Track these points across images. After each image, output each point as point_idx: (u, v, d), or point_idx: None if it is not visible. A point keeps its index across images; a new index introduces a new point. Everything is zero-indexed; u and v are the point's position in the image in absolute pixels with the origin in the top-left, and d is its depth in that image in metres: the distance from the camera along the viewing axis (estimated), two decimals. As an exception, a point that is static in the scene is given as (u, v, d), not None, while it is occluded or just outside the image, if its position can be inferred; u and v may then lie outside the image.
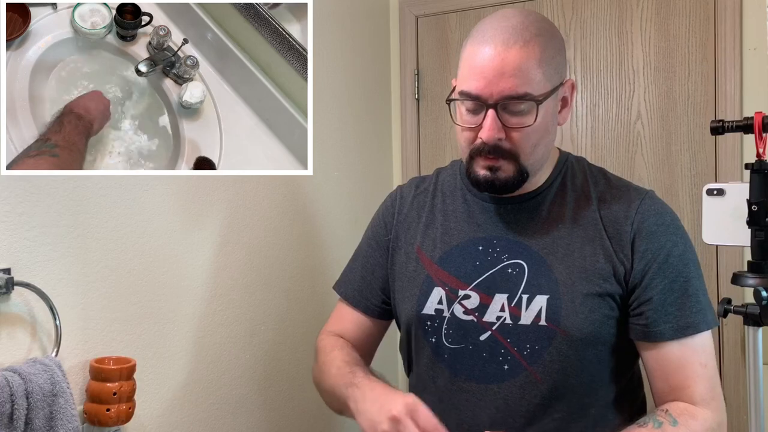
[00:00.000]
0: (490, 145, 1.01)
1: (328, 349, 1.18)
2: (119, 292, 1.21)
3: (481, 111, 1.00)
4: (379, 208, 1.27)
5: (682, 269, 1.04)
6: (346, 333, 1.22)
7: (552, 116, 1.04)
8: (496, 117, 0.99)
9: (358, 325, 1.23)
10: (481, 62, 0.99)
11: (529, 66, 0.98)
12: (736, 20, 1.76)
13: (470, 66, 1.00)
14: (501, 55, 0.97)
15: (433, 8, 2.15)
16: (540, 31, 1.00)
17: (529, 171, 1.05)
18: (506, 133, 1.00)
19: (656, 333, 1.02)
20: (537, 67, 0.98)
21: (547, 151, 1.08)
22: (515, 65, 0.97)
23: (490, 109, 0.99)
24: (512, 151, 1.02)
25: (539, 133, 1.02)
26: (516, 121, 1.00)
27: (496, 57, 0.97)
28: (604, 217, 1.07)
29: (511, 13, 1.03)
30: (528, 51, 0.98)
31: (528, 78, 0.98)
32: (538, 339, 1.03)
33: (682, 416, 0.98)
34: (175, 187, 1.32)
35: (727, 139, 1.75)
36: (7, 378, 0.95)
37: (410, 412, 0.91)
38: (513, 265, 1.07)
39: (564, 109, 1.08)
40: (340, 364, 1.11)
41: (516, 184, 1.05)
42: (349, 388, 1.04)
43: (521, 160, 1.03)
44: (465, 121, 1.04)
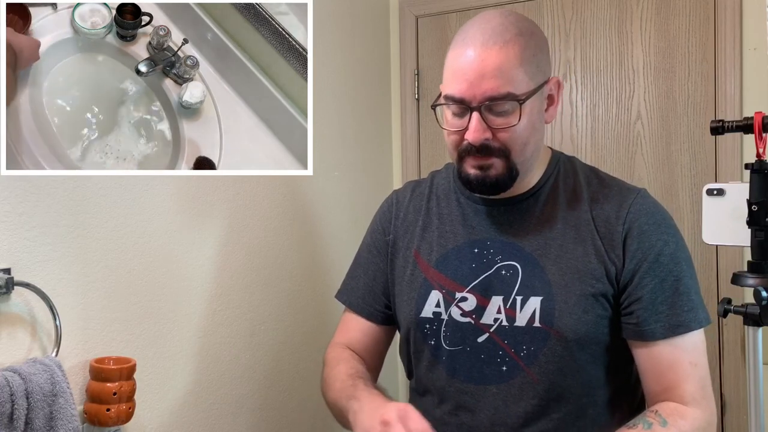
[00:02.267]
0: (477, 146, 1.02)
1: (333, 362, 1.19)
2: (119, 292, 1.21)
3: (466, 114, 1.01)
4: (376, 213, 1.27)
5: (673, 268, 1.04)
6: (354, 342, 1.23)
7: (538, 114, 1.05)
8: (481, 119, 1.00)
9: (365, 332, 1.23)
10: (463, 65, 1.00)
11: (509, 66, 0.99)
12: (736, 20, 1.76)
13: (452, 70, 1.02)
14: (481, 57, 0.99)
15: (433, 8, 2.15)
16: (520, 30, 1.01)
17: (520, 169, 1.05)
18: (492, 133, 1.01)
19: (647, 332, 1.02)
20: (518, 67, 0.99)
21: (537, 149, 1.09)
22: (495, 66, 0.98)
23: (474, 111, 1.00)
24: (501, 149, 1.02)
25: (527, 132, 1.03)
26: (501, 122, 1.01)
27: (476, 59, 0.99)
28: (596, 217, 1.07)
29: (491, 14, 1.04)
30: (508, 51, 0.99)
31: (509, 78, 0.99)
32: (534, 340, 1.04)
33: (671, 416, 0.99)
34: (175, 187, 1.32)
35: (727, 139, 1.75)
36: (7, 378, 0.95)
37: (401, 417, 0.91)
38: (507, 266, 1.08)
39: (551, 106, 1.09)
40: (343, 377, 1.12)
41: (507, 183, 1.05)
42: (350, 400, 1.05)
43: (512, 157, 1.03)
44: (451, 124, 1.05)
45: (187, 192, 1.35)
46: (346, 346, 1.22)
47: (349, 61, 1.94)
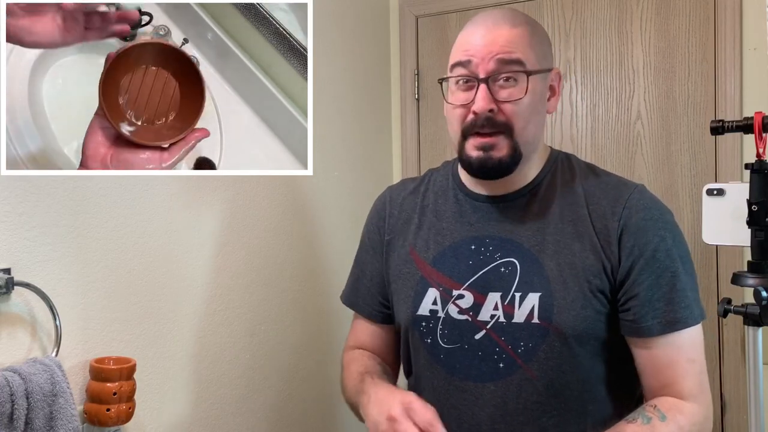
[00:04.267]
0: (483, 117, 1.03)
1: (347, 365, 1.21)
2: (119, 292, 1.21)
3: (472, 88, 1.04)
4: (370, 211, 1.27)
5: (670, 264, 1.04)
6: (364, 344, 1.24)
7: (541, 98, 1.07)
8: (488, 90, 1.02)
9: (371, 333, 1.24)
10: (473, 38, 1.05)
11: (519, 41, 1.04)
12: (736, 20, 1.76)
13: (461, 42, 1.07)
14: (492, 32, 1.04)
15: (433, 8, 2.15)
16: (527, 20, 1.08)
17: (522, 150, 1.06)
18: (498, 106, 1.03)
19: (644, 329, 1.03)
20: (527, 45, 1.04)
21: (538, 135, 1.10)
22: (506, 37, 1.03)
23: (481, 84, 1.02)
24: (506, 123, 1.04)
25: (529, 110, 1.05)
26: (507, 94, 1.03)
27: (487, 33, 1.04)
28: (593, 213, 1.07)
29: (497, 9, 1.12)
30: (517, 31, 1.04)
31: (520, 47, 1.03)
32: (532, 337, 1.04)
33: (670, 411, 0.99)
34: (175, 187, 1.32)
35: (727, 139, 1.75)
36: (7, 378, 0.95)
37: (406, 410, 0.92)
38: (506, 263, 1.08)
39: (552, 97, 1.11)
40: (354, 375, 1.14)
41: (509, 165, 1.06)
42: (360, 396, 1.07)
43: (515, 135, 1.04)
44: (457, 99, 1.06)
45: (187, 192, 1.35)
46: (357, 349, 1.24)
47: (349, 61, 1.94)
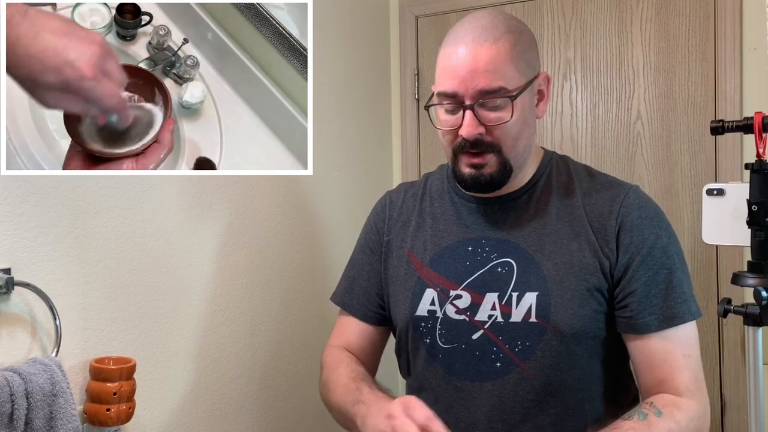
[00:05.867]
0: (471, 140, 1.03)
1: (333, 365, 1.19)
2: (119, 292, 1.21)
3: (458, 111, 1.04)
4: (369, 215, 1.28)
5: (666, 261, 1.05)
6: (350, 344, 1.23)
7: (529, 109, 1.07)
8: (474, 115, 1.02)
9: (361, 334, 1.23)
10: (455, 62, 1.02)
11: (501, 62, 1.01)
12: (736, 20, 1.76)
13: (444, 67, 1.04)
14: (473, 53, 1.01)
15: (433, 8, 2.15)
16: (509, 28, 1.04)
17: (513, 165, 1.07)
18: (485, 128, 1.03)
19: (641, 325, 1.04)
20: (509, 63, 1.02)
21: (529, 145, 1.10)
22: (487, 61, 1.00)
23: (467, 109, 1.02)
24: (494, 143, 1.04)
25: (518, 127, 1.05)
26: (493, 117, 1.03)
27: (468, 55, 1.01)
28: (589, 213, 1.09)
29: (481, 14, 1.07)
30: (499, 48, 1.01)
31: (501, 73, 1.01)
32: (529, 336, 1.05)
33: (666, 407, 1.00)
34: (175, 187, 1.32)
35: (727, 139, 1.75)
36: (7, 378, 0.95)
37: (405, 409, 0.93)
38: (502, 263, 1.09)
39: (541, 102, 1.11)
40: (346, 381, 1.13)
41: (501, 180, 1.07)
42: (356, 405, 1.06)
43: (504, 152, 1.05)
44: (444, 123, 1.07)
45: (187, 192, 1.35)
46: (343, 348, 1.23)
47: (349, 61, 1.93)
